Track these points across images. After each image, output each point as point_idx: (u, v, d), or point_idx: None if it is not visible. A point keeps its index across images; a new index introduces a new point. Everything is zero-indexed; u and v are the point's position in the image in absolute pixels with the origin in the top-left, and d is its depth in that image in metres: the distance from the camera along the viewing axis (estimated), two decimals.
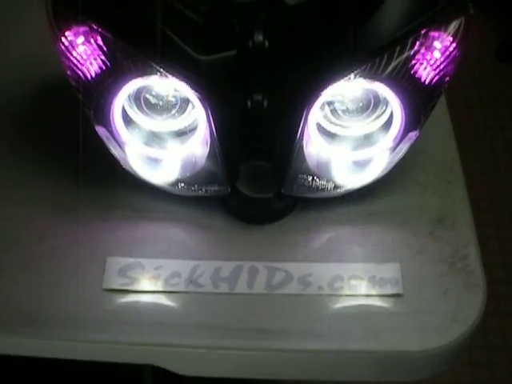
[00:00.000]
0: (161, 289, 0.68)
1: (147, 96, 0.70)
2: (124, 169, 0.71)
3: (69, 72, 0.66)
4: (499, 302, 1.57)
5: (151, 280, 0.69)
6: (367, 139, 0.71)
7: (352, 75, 0.63)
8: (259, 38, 0.68)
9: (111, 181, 0.74)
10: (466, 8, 0.65)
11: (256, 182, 0.73)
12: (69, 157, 0.78)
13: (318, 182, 0.72)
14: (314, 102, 0.66)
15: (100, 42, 0.64)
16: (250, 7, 0.70)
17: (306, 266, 0.70)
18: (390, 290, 0.68)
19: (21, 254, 0.70)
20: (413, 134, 0.69)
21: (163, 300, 0.68)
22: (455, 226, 0.72)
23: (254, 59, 0.69)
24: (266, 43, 0.68)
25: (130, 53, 0.64)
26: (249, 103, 0.69)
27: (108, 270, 0.69)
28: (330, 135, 0.71)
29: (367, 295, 0.68)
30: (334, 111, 0.71)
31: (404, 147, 0.70)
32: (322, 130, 0.71)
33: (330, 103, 0.70)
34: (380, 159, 0.71)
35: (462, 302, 0.67)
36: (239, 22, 0.69)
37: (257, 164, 0.73)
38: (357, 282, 0.69)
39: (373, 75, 0.64)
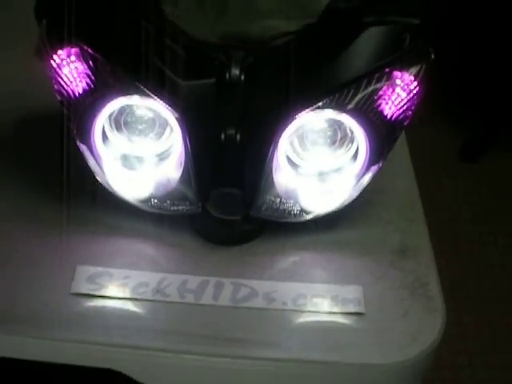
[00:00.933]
0: (128, 296, 0.69)
1: (127, 119, 0.74)
2: (100, 186, 0.74)
3: (57, 88, 0.70)
4: None
5: (119, 287, 0.70)
6: (333, 169, 0.75)
7: (320, 105, 0.68)
8: (236, 72, 0.73)
9: (86, 197, 0.76)
10: (427, 53, 0.70)
11: (225, 204, 0.75)
12: (45, 173, 0.81)
13: (285, 205, 0.74)
14: (283, 130, 0.70)
15: (89, 61, 0.68)
16: (229, 47, 0.75)
17: (270, 284, 0.71)
18: (352, 309, 0.69)
19: None
20: (376, 165, 0.73)
21: (129, 306, 0.69)
22: (416, 257, 0.75)
23: (229, 90, 0.73)
24: (242, 77, 0.73)
25: (116, 72, 0.68)
26: (222, 136, 0.72)
27: (77, 277, 0.70)
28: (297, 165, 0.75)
29: (330, 312, 0.69)
30: (302, 144, 0.75)
31: (368, 176, 0.73)
32: (290, 160, 0.75)
33: (299, 136, 0.74)
34: (345, 187, 0.74)
35: (422, 324, 0.69)
36: (218, 56, 0.74)
37: (226, 191, 0.76)
38: (320, 300, 0.70)
39: (340, 106, 0.69)
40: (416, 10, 0.73)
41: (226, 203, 0.76)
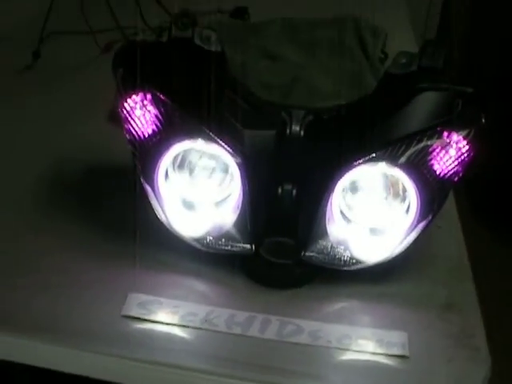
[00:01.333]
0: (176, 322, 0.71)
1: (190, 166, 0.79)
2: (160, 224, 0.78)
3: (128, 129, 0.75)
4: None
5: (168, 314, 0.72)
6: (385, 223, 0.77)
7: (373, 157, 0.72)
8: (296, 128, 0.77)
9: (146, 234, 0.80)
10: (478, 118, 0.74)
11: (278, 251, 0.77)
12: (109, 212, 0.87)
13: (336, 252, 0.76)
14: (338, 181, 0.74)
15: (160, 106, 0.74)
16: (291, 107, 0.80)
17: (317, 323, 0.72)
18: (396, 351, 0.70)
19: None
20: (426, 219, 0.75)
21: (176, 331, 0.70)
22: (462, 312, 0.75)
23: (289, 145, 0.78)
24: (302, 133, 0.77)
25: (183, 116, 0.74)
26: (279, 190, 0.76)
27: (128, 302, 0.73)
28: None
29: (374, 353, 0.70)
30: (356, 198, 0.78)
31: (418, 230, 0.75)
32: (343, 214, 0.78)
33: (353, 190, 0.77)
34: (395, 240, 0.76)
35: (466, 372, 0.68)
36: (280, 112, 0.79)
37: (280, 240, 0.79)
38: (364, 341, 0.71)
39: (392, 160, 0.72)
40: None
41: (278, 250, 0.78)
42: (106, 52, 1.24)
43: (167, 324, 0.71)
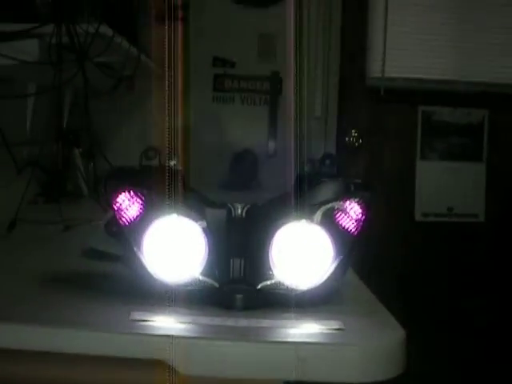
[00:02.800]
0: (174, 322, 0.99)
1: None
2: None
3: (118, 217, 1.08)
4: None
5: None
6: None
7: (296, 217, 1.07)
8: (238, 212, 1.13)
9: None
10: (365, 194, 1.11)
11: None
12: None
13: (279, 283, 1.07)
14: (274, 235, 1.06)
15: (141, 197, 1.08)
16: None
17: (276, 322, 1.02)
18: (336, 326, 0.98)
19: None
20: (338, 259, 1.07)
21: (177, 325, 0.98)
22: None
23: (235, 225, 1.12)
24: (243, 215, 1.13)
25: (160, 202, 1.07)
26: (231, 262, 1.08)
27: (133, 314, 1.00)
28: None
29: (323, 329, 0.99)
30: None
31: (333, 266, 1.07)
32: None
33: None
34: (319, 272, 1.07)
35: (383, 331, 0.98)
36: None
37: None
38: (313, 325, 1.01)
39: (310, 219, 1.07)
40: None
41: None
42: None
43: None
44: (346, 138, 3.38)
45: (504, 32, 3.44)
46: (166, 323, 0.99)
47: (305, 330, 0.99)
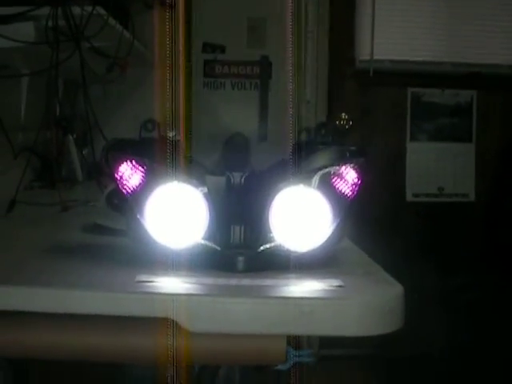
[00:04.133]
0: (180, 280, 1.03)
1: None
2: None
3: (121, 186, 1.11)
4: None
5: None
6: None
7: (294, 182, 1.10)
8: (237, 179, 1.16)
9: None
10: (360, 159, 1.14)
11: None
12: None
13: (279, 245, 1.10)
14: (274, 198, 1.09)
15: (143, 166, 1.11)
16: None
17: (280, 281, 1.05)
18: (337, 283, 1.01)
19: None
20: (337, 221, 1.11)
21: (183, 284, 1.01)
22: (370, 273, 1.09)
23: (235, 192, 1.16)
24: (242, 182, 1.17)
25: (160, 170, 1.10)
26: (232, 229, 1.11)
27: (138, 277, 1.02)
28: None
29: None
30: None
31: (332, 228, 1.10)
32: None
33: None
34: (318, 234, 1.11)
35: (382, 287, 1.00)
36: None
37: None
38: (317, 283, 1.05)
39: (307, 183, 1.10)
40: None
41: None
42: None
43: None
44: (337, 122, 3.42)
45: (491, 14, 3.49)
46: (171, 283, 1.03)
47: (306, 287, 1.03)
